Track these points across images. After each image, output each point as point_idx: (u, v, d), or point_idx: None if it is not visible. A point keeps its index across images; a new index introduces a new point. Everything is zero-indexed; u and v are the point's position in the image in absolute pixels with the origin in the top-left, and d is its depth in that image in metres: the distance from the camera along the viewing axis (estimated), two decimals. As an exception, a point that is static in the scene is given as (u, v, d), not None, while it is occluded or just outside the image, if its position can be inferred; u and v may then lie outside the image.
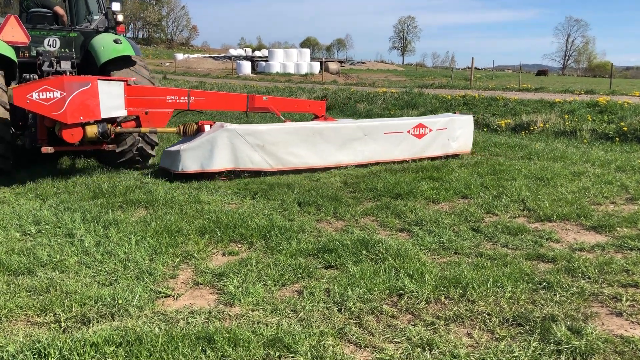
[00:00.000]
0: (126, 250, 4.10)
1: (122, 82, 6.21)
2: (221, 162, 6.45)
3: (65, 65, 6.91)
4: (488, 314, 3.13)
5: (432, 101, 14.54)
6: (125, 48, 7.01)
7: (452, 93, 16.17)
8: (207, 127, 6.68)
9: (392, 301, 3.33)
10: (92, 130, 5.99)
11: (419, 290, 3.39)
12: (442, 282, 3.51)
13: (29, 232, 4.56)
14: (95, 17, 7.66)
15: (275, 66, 48.65)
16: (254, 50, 79.78)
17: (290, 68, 48.39)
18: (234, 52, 76.13)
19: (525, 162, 7.72)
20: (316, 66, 49.21)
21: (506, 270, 3.70)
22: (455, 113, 9.16)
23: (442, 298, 3.34)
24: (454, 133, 8.20)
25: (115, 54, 6.92)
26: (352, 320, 3.07)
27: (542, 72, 75.55)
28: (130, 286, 3.50)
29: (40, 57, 6.90)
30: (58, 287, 3.45)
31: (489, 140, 9.77)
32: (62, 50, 7.31)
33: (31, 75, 6.94)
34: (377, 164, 7.49)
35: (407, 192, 5.85)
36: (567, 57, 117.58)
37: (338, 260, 3.95)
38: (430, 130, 7.90)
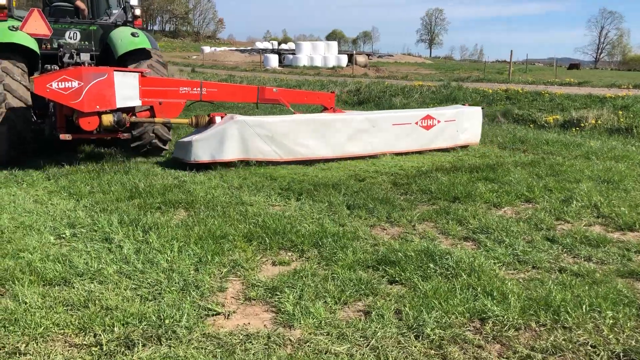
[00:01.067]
0: (169, 258, 3.76)
1: (137, 73, 6.40)
2: (231, 153, 6.57)
3: (85, 57, 7.22)
4: (592, 346, 2.68)
5: (472, 95, 13.94)
6: (142, 41, 7.22)
7: (492, 87, 15.54)
8: (218, 119, 6.79)
9: (474, 327, 2.90)
10: (107, 119, 6.20)
11: (504, 314, 2.96)
12: (529, 304, 3.07)
13: (63, 235, 4.26)
14: (114, 11, 7.91)
15: (303, 59, 48.09)
16: (280, 44, 79.30)
17: (318, 61, 47.78)
18: (260, 45, 75.89)
19: (586, 162, 7.16)
20: (344, 59, 48.52)
21: (600, 291, 3.23)
22: (464, 105, 9.21)
23: (533, 324, 2.90)
24: (462, 124, 8.24)
25: (133, 46, 7.14)
26: (433, 351, 2.66)
27: (574, 65, 73.45)
28: (176, 302, 3.15)
29: (61, 49, 7.13)
30: (97, 302, 3.12)
31: (540, 137, 9.19)
32: (82, 42, 7.54)
33: (52, 66, 7.08)
34: (385, 154, 7.52)
35: (465, 195, 5.39)
36: (600, 51, 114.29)
37: (403, 274, 3.53)
38: (439, 121, 7.92)
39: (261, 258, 3.90)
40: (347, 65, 46.52)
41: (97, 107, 6.00)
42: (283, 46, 69.50)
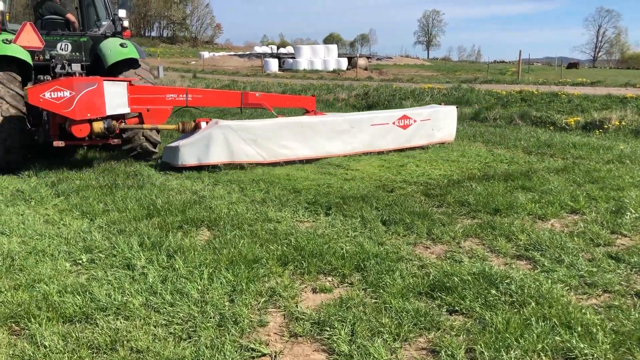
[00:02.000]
0: (199, 287, 3.40)
1: (126, 82, 6.69)
2: (217, 156, 6.79)
3: (76, 67, 7.48)
4: None
5: (485, 97, 13.57)
6: (130, 51, 7.48)
7: (504, 88, 15.20)
8: (203, 124, 7.03)
9: (562, 369, 2.54)
10: (98, 126, 6.46)
11: (594, 353, 2.59)
12: (619, 339, 2.70)
13: (79, 261, 3.90)
14: (103, 23, 8.16)
15: (303, 63, 47.76)
16: (278, 48, 78.85)
17: (318, 65, 47.47)
18: (258, 49, 75.43)
19: (622, 167, 6.80)
20: (344, 62, 48.24)
21: (693, 321, 2.87)
22: (440, 105, 9.42)
23: (629, 365, 2.54)
24: (437, 123, 8.60)
25: (122, 56, 7.40)
26: (523, 402, 2.29)
27: (573, 64, 73.07)
28: (215, 341, 2.78)
29: (53, 60, 7.42)
30: (126, 343, 2.76)
31: (565, 140, 8.83)
32: (73, 53, 7.85)
33: (45, 77, 7.37)
34: (365, 154, 7.81)
35: (506, 207, 5.03)
36: (597, 49, 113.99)
37: (462, 302, 3.17)
38: (415, 121, 8.26)
39: (300, 285, 3.53)
40: (347, 69, 46.24)
41: (88, 114, 6.25)
42: (282, 50, 69.06)
